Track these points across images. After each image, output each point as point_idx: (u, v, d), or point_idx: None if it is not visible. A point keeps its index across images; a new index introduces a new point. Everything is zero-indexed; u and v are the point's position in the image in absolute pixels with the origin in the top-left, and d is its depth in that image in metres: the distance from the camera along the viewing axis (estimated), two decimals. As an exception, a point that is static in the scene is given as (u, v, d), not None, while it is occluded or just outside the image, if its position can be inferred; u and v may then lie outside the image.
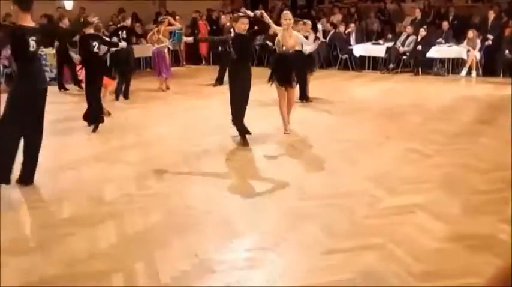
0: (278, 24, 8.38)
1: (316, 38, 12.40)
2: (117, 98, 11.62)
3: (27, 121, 5.91)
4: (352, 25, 16.89)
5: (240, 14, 7.97)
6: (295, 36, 8.21)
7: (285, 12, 8.51)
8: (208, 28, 18.13)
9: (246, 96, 7.61)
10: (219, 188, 6.05)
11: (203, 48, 18.03)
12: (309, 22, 11.50)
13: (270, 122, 7.28)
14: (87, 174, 6.55)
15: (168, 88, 13.00)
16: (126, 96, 11.81)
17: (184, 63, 18.23)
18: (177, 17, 17.34)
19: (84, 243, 4.60)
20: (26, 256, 4.39)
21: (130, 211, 5.31)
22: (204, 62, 18.40)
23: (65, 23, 13.42)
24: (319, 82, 13.71)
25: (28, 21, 5.82)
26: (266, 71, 8.49)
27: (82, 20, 8.58)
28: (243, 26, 7.50)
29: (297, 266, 4.15)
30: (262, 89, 8.60)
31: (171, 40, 16.54)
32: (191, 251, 4.41)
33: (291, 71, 8.07)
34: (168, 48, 13.51)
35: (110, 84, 10.42)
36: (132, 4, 17.65)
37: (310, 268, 4.09)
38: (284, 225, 4.93)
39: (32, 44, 5.78)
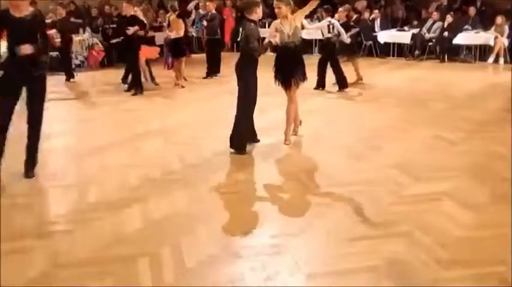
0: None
1: (351, 26, 12.23)
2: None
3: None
4: (377, 11, 16.68)
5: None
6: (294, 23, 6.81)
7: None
8: (234, 15, 17.94)
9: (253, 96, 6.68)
10: (244, 173, 6.07)
11: (226, 36, 17.96)
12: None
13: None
14: (112, 159, 6.59)
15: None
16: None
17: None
18: (200, 4, 17.33)
19: (110, 227, 4.64)
20: (53, 239, 4.45)
21: (155, 195, 5.34)
22: (226, 50, 18.24)
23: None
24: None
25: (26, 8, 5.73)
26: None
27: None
28: (260, 12, 6.59)
29: (322, 253, 4.13)
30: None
31: (194, 27, 16.55)
32: (216, 236, 4.43)
33: (293, 67, 6.90)
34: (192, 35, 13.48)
35: (149, 55, 11.49)
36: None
37: (336, 254, 4.07)
38: (309, 211, 4.92)
39: None
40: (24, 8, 5.67)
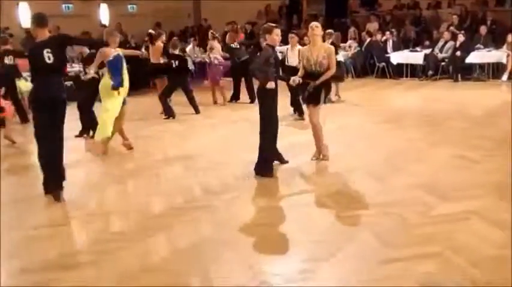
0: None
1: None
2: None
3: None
4: (388, 33, 16.70)
5: (272, 24, 7.07)
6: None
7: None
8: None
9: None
10: (267, 199, 6.00)
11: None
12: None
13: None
14: (133, 187, 6.56)
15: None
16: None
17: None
18: (210, 31, 17.43)
19: (135, 257, 4.57)
20: (77, 271, 4.39)
21: (179, 223, 5.28)
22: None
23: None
24: (357, 91, 13.62)
25: (44, 35, 5.96)
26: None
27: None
28: (277, 38, 6.62)
29: (354, 277, 4.05)
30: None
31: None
32: (245, 264, 4.35)
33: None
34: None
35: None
36: (167, 19, 17.74)
37: (369, 279, 3.99)
38: (337, 234, 4.85)
39: (48, 56, 5.85)
40: None
